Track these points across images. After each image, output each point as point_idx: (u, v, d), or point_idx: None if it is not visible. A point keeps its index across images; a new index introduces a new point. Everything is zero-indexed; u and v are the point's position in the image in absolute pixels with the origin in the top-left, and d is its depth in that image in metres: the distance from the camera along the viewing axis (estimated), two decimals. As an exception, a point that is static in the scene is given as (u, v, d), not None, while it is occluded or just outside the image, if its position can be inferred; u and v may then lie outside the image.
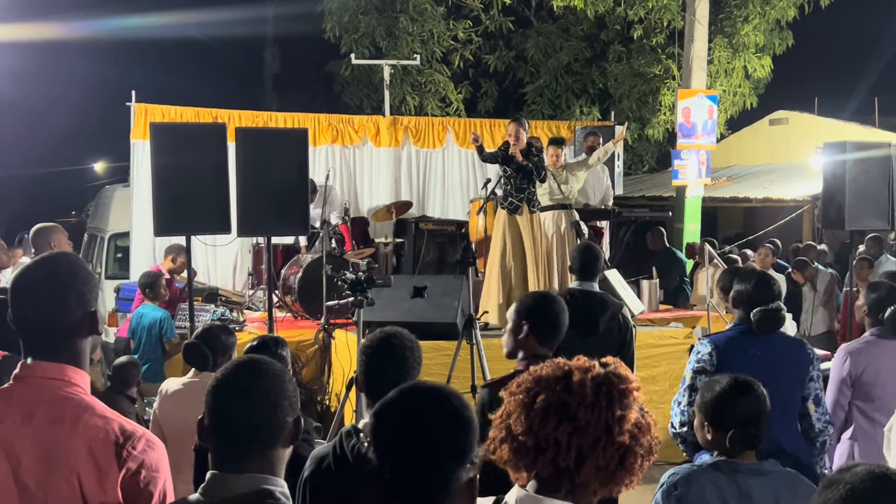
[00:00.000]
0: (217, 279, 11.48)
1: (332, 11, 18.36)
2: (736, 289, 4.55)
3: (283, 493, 2.24)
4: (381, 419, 2.10)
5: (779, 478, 3.27)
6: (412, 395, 2.14)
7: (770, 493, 3.22)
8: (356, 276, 6.31)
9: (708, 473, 3.29)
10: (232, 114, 11.91)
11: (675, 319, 9.66)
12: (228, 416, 2.23)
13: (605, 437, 2.13)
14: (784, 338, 4.57)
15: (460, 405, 2.10)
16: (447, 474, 2.03)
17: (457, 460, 2.04)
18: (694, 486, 3.25)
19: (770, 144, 20.05)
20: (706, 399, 3.38)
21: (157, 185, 7.43)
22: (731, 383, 3.35)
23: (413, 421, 2.06)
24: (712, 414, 3.34)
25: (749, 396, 3.31)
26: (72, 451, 2.32)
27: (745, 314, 4.47)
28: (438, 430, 2.05)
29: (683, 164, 13.67)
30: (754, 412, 3.30)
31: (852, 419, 5.18)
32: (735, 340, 4.47)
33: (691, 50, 14.31)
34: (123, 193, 13.89)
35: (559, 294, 5.75)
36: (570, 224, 9.25)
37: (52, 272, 2.48)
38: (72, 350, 2.44)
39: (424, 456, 2.02)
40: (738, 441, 3.28)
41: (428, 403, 2.10)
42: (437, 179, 13.12)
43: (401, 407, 2.11)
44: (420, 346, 3.32)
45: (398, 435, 2.05)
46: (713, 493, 3.23)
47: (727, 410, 3.30)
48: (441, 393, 2.13)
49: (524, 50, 19.27)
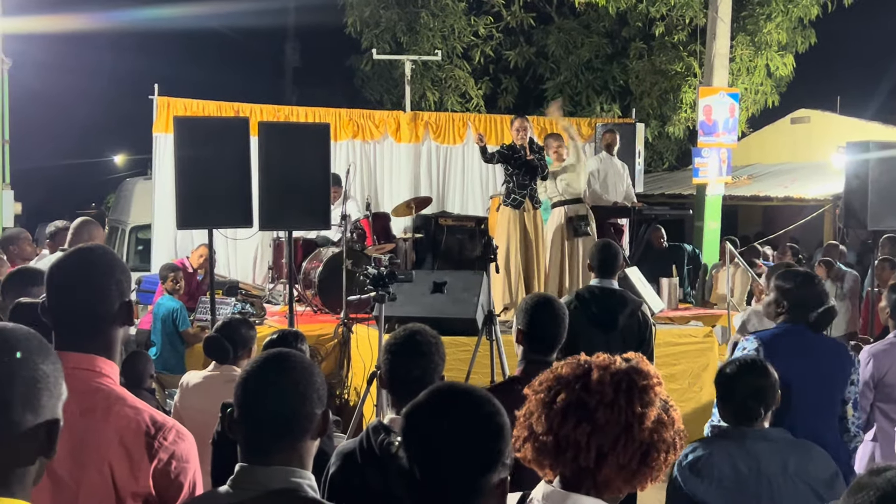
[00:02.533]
0: (237, 272, 11.53)
1: (354, 6, 18.38)
2: (785, 288, 4.51)
3: (311, 485, 2.25)
4: (414, 421, 2.07)
5: (788, 444, 3.49)
6: (446, 398, 2.10)
7: (777, 456, 3.42)
8: (378, 270, 6.33)
9: (718, 441, 3.55)
10: (254, 108, 11.95)
11: (695, 318, 9.64)
12: (258, 408, 2.24)
13: (625, 435, 2.12)
14: (828, 339, 4.59)
15: (494, 410, 2.07)
16: (479, 478, 2.01)
17: (489, 465, 2.02)
18: (705, 453, 3.45)
19: (791, 143, 19.94)
20: (719, 375, 3.69)
21: (179, 179, 7.47)
22: (743, 362, 3.67)
23: (447, 425, 2.02)
24: (722, 388, 3.64)
25: (756, 374, 3.57)
26: (103, 442, 2.33)
27: (795, 314, 4.45)
28: (472, 436, 2.01)
29: (704, 161, 13.61)
30: (757, 388, 3.53)
31: (874, 420, 5.17)
32: (781, 339, 4.44)
33: (713, 47, 14.25)
34: (145, 186, 13.98)
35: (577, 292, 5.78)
36: (566, 220, 9.32)
37: (92, 260, 2.49)
38: (106, 339, 2.46)
39: (457, 460, 2.00)
40: (738, 412, 3.54)
41: (462, 407, 2.06)
42: (456, 175, 13.14)
43: (434, 410, 2.07)
44: (443, 343, 3.32)
45: (431, 438, 2.02)
46: (723, 459, 3.42)
47: (733, 385, 3.57)
48: (475, 397, 2.09)
49: (545, 46, 19.24)
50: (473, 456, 2.01)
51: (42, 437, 1.66)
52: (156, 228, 11.68)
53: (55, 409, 1.70)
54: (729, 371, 3.63)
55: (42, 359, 1.69)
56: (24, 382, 1.65)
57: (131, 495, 2.33)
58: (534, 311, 4.00)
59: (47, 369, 1.69)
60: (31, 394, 1.65)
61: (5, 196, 11.57)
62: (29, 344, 1.69)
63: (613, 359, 2.25)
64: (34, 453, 1.66)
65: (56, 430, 1.69)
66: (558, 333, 3.99)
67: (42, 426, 1.66)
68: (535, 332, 3.97)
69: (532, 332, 3.98)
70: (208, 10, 19.73)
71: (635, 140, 12.75)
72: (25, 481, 1.66)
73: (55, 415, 1.69)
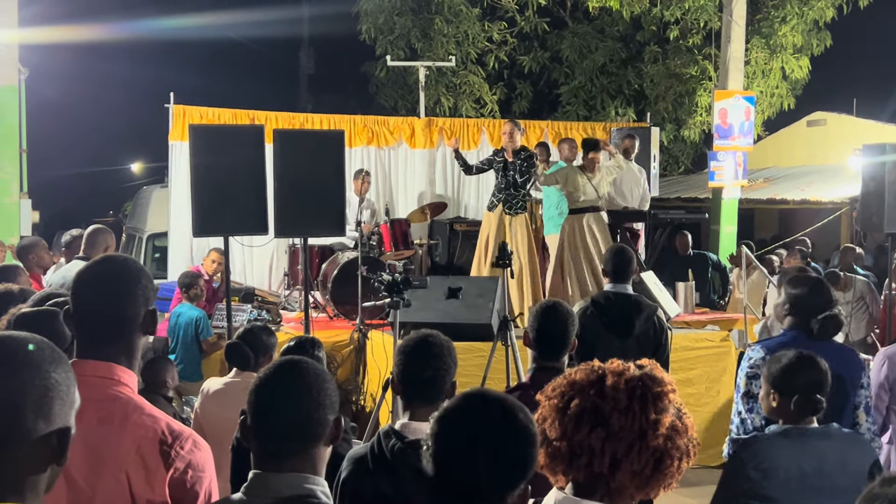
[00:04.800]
0: (253, 279, 11.56)
1: (368, 13, 18.43)
2: (791, 294, 4.49)
3: (324, 492, 2.26)
4: (446, 426, 2.04)
5: (843, 439, 3.55)
6: (481, 404, 2.07)
7: (837, 453, 3.47)
8: (392, 277, 6.34)
9: (778, 440, 3.52)
10: (269, 115, 11.99)
11: (711, 322, 9.61)
12: (271, 414, 2.25)
13: (639, 441, 2.12)
14: (836, 345, 4.55)
15: (527, 419, 2.06)
16: (506, 487, 2.00)
17: (518, 475, 2.01)
18: (768, 453, 3.46)
19: (807, 146, 19.87)
20: (773, 370, 3.65)
21: (195, 187, 7.51)
22: (797, 355, 3.65)
23: (480, 431, 2.00)
24: (780, 382, 3.59)
25: (813, 367, 3.60)
26: (121, 450, 2.35)
27: (800, 320, 4.43)
28: (504, 444, 2.00)
29: (720, 165, 13.59)
30: (817, 380, 3.56)
31: (889, 423, 5.14)
32: (788, 346, 4.42)
33: (728, 50, 14.22)
34: (161, 194, 14.03)
35: (592, 298, 5.78)
36: (605, 226, 9.29)
37: (119, 268, 2.54)
38: (128, 346, 2.48)
39: (489, 468, 1.98)
40: (802, 406, 3.52)
41: (496, 414, 2.04)
42: (471, 181, 13.12)
43: (468, 415, 2.05)
44: (455, 348, 3.33)
45: (462, 444, 2.00)
46: (790, 460, 3.44)
47: (793, 378, 3.56)
48: (509, 405, 2.07)
49: (559, 51, 19.24)
50: (506, 464, 2.00)
51: (54, 445, 1.68)
52: (172, 236, 11.72)
53: (67, 417, 1.71)
54: (787, 364, 3.62)
55: (54, 367, 1.70)
56: (36, 390, 1.66)
57: (147, 503, 2.34)
58: (537, 317, 4.09)
59: (59, 377, 1.70)
60: (42, 402, 1.66)
61: (23, 205, 11.62)
62: (41, 353, 1.70)
63: (627, 365, 2.24)
64: (46, 461, 1.68)
65: (67, 437, 1.70)
66: (561, 339, 4.04)
67: (54, 434, 1.67)
68: (538, 337, 4.07)
69: (536, 338, 4.07)
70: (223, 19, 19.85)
71: (650, 144, 12.71)
72: (38, 488, 1.67)
73: (67, 423, 1.71)
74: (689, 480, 3.39)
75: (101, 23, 19.13)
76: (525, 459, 2.02)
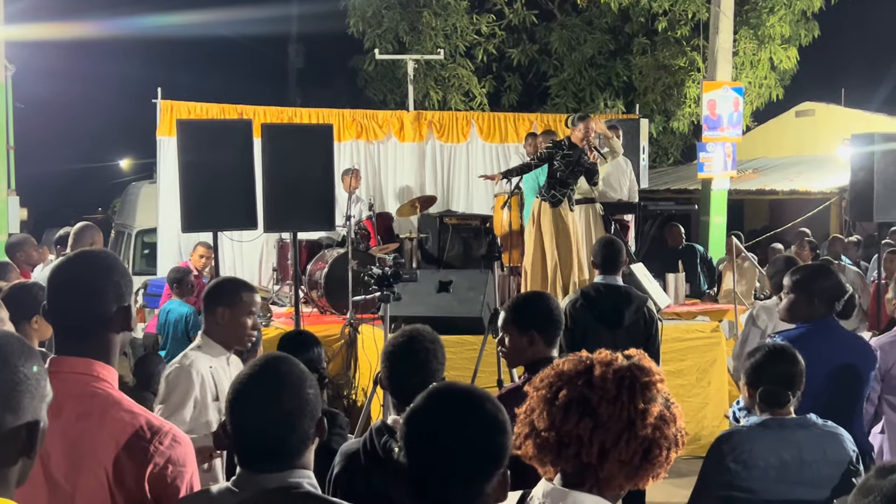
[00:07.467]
0: (243, 274, 11.51)
1: (356, 7, 18.38)
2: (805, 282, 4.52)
3: (311, 483, 2.26)
4: (414, 425, 2.06)
5: (822, 430, 3.53)
6: (445, 400, 2.09)
7: (817, 443, 3.48)
8: (383, 271, 6.33)
9: (757, 431, 3.52)
10: (257, 110, 11.96)
11: (701, 313, 9.62)
12: (249, 423, 2.26)
13: (627, 431, 2.12)
14: (852, 336, 4.60)
15: (494, 409, 2.07)
16: (481, 479, 2.01)
17: (492, 465, 2.02)
18: (747, 445, 3.46)
19: (796, 136, 19.88)
20: (746, 363, 3.71)
21: (183, 182, 7.48)
22: (769, 348, 3.69)
23: (446, 427, 2.02)
24: (749, 373, 3.65)
25: (784, 360, 3.60)
26: (100, 446, 2.34)
27: (820, 310, 4.46)
28: (473, 437, 2.01)
29: (709, 156, 13.58)
30: (785, 373, 3.57)
31: (882, 413, 5.15)
32: (805, 338, 4.43)
33: (716, 42, 14.21)
34: (150, 190, 14.00)
35: (582, 290, 5.78)
36: (599, 217, 9.28)
37: (90, 264, 2.51)
38: (104, 344, 2.46)
39: (458, 462, 2.00)
40: (766, 398, 3.55)
41: (461, 408, 2.06)
42: (461, 174, 13.13)
43: (433, 412, 2.06)
44: (443, 346, 3.31)
45: (431, 441, 2.02)
46: (768, 450, 3.45)
47: (761, 371, 3.60)
48: (474, 397, 2.09)
49: (548, 43, 19.22)
50: (475, 456, 2.01)
51: (23, 438, 1.71)
52: (161, 232, 11.68)
53: (37, 411, 1.74)
54: (756, 357, 3.65)
55: (23, 361, 1.72)
56: (4, 385, 1.69)
57: (127, 499, 2.34)
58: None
59: (28, 372, 1.72)
60: (11, 395, 1.69)
61: (11, 202, 11.58)
62: (10, 347, 1.72)
63: (615, 355, 2.25)
64: (16, 454, 1.71)
65: (36, 430, 1.73)
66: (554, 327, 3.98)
67: (22, 427, 1.70)
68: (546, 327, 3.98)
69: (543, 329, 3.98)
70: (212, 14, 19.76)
71: (639, 136, 12.71)
72: (9, 480, 1.71)
73: (37, 416, 1.74)
74: (679, 471, 3.40)
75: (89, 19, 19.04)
76: (496, 448, 2.03)
